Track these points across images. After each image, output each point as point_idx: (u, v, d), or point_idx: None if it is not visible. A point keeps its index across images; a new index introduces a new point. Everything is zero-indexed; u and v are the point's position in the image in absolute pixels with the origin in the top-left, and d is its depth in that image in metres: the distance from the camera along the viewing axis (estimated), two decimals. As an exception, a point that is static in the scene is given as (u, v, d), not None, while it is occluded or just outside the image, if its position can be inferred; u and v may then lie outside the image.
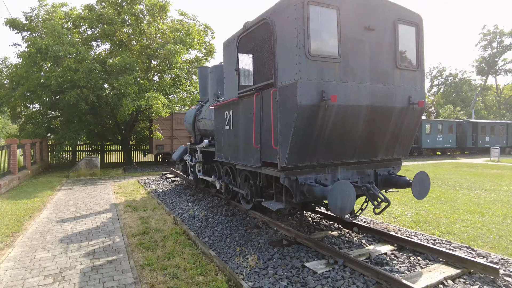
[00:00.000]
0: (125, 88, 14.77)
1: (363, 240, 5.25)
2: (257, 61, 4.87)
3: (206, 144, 7.96)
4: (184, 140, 19.38)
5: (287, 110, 4.18)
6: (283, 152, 4.27)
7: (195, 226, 6.44)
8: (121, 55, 15.96)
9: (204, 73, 10.96)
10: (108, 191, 10.80)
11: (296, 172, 4.48)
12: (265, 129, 4.72)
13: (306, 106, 4.01)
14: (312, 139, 4.30)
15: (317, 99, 4.07)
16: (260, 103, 4.79)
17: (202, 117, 9.43)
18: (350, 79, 4.36)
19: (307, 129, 4.17)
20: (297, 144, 4.20)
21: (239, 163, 5.67)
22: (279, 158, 4.36)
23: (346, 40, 4.33)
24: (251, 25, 4.96)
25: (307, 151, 4.36)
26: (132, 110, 15.54)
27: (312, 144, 4.35)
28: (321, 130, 4.29)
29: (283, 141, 4.26)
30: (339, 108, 4.27)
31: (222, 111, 6.27)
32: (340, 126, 4.44)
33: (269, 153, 4.65)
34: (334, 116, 4.29)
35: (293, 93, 4.04)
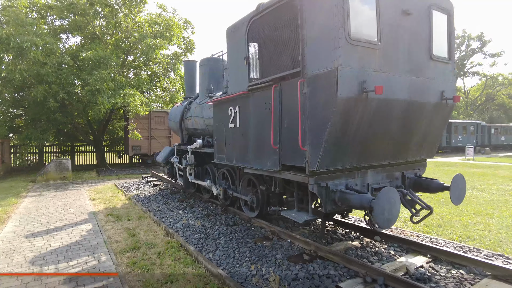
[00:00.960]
0: (100, 84, 13.54)
1: (391, 250, 4.70)
2: (274, 48, 4.18)
3: (199, 145, 7.15)
4: (163, 140, 18.28)
5: (319, 104, 3.52)
6: (313, 154, 3.61)
7: (193, 238, 5.63)
8: (94, 49, 14.66)
9: (191, 67, 10.11)
10: (83, 197, 9.67)
11: (326, 177, 3.84)
12: (286, 127, 4.04)
13: (346, 99, 3.37)
14: (348, 139, 3.67)
15: (357, 91, 3.45)
16: (279, 97, 4.11)
17: (191, 115, 8.59)
18: (388, 69, 3.78)
19: (344, 126, 3.54)
20: (332, 144, 3.56)
21: (248, 166, 4.94)
22: (307, 161, 3.70)
23: (385, 24, 3.74)
24: (268, 5, 4.26)
25: (341, 153, 3.73)
26: (108, 108, 14.31)
27: (347, 145, 3.73)
28: (357, 128, 3.68)
29: (314, 141, 3.60)
30: (380, 102, 3.68)
31: (225, 107, 5.52)
32: (377, 123, 3.85)
33: (292, 155, 3.98)
34: (373, 111, 3.69)
35: (329, 84, 3.39)
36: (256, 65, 4.60)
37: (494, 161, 21.81)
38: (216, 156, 5.98)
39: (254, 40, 4.61)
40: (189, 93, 10.07)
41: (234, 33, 5.05)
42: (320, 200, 3.84)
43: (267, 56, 4.36)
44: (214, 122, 6.04)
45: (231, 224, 6.04)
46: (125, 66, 17.36)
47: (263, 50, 4.46)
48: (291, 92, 3.92)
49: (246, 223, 6.10)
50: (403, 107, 3.99)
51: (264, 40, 4.41)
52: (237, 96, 5.06)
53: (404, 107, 4.00)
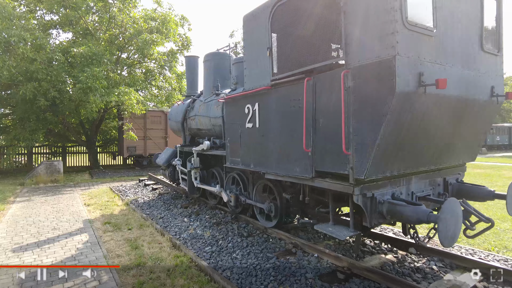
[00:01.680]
0: (92, 81, 12.78)
1: (433, 266, 4.18)
2: (306, 35, 3.62)
3: (207, 147, 6.54)
4: (159, 141, 17.57)
5: (369, 100, 2.97)
6: (360, 159, 3.06)
7: (204, 251, 5.03)
8: (87, 45, 13.90)
9: (192, 63, 9.49)
10: (77, 203, 8.96)
11: (372, 186, 3.29)
12: (321, 127, 3.48)
13: (404, 93, 2.82)
14: (400, 141, 3.13)
15: (414, 84, 2.91)
16: (313, 92, 3.54)
17: (195, 114, 7.97)
18: (443, 60, 3.25)
19: (398, 127, 3.00)
20: (385, 148, 3.01)
21: (269, 172, 4.36)
22: (351, 168, 3.14)
23: (440, 9, 3.21)
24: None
25: (392, 158, 3.18)
26: (101, 107, 13.56)
27: (398, 148, 3.18)
28: (409, 128, 3.14)
29: (362, 144, 3.04)
30: (437, 98, 3.14)
31: (240, 105, 4.93)
32: (427, 123, 3.32)
33: (329, 160, 3.41)
34: (428, 109, 3.15)
35: (383, 75, 2.84)
36: (281, 57, 4.03)
37: (494, 161, 21.62)
38: (229, 159, 5.39)
39: (279, 28, 4.04)
40: (190, 90, 9.44)
41: (254, 21, 4.46)
42: (365, 213, 3.28)
43: (296, 46, 3.79)
44: (226, 122, 5.45)
45: (246, 235, 5.45)
46: (119, 64, 16.61)
47: (291, 38, 3.88)
48: (329, 86, 3.36)
49: (261, 233, 5.51)
50: (454, 104, 3.47)
51: (292, 27, 3.84)
52: (256, 92, 4.48)
53: (455, 104, 3.48)
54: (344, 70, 3.15)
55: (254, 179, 5.78)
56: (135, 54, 17.24)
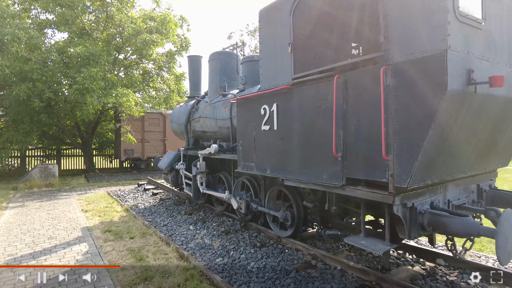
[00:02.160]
0: (89, 82, 12.35)
1: (467, 280, 3.86)
2: (335, 28, 3.30)
3: (215, 150, 6.18)
4: (157, 143, 17.14)
5: (414, 99, 2.65)
6: (403, 165, 2.73)
7: (215, 263, 4.67)
8: (83, 44, 13.47)
9: (195, 63, 9.13)
10: (74, 209, 8.53)
11: (411, 195, 2.97)
12: (354, 130, 3.15)
13: (456, 92, 2.51)
14: (445, 145, 2.81)
15: (464, 82, 2.60)
16: (344, 90, 3.22)
17: (199, 115, 7.61)
18: (491, 57, 2.95)
19: (446, 129, 2.68)
20: (431, 153, 2.69)
21: (290, 178, 4.01)
22: (391, 175, 2.82)
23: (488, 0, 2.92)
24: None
25: (435, 164, 2.86)
26: (98, 109, 13.12)
27: (441, 153, 2.87)
28: (455, 130, 2.83)
29: (405, 148, 2.72)
30: (486, 97, 2.84)
31: (255, 106, 4.59)
32: (470, 125, 3.01)
33: (363, 166, 3.09)
34: (475, 109, 2.85)
35: (432, 71, 2.52)
36: (305, 53, 3.70)
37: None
38: (241, 164, 5.04)
39: (303, 21, 3.71)
40: (194, 91, 9.07)
41: (272, 14, 4.14)
42: (404, 224, 2.95)
43: (324, 40, 3.47)
44: (239, 124, 5.10)
45: (259, 245, 5.09)
46: (116, 65, 16.18)
47: (317, 32, 3.56)
48: (363, 84, 3.04)
49: (275, 243, 5.15)
50: (500, 105, 3.17)
51: (319, 19, 3.52)
52: (274, 92, 4.15)
53: (501, 105, 3.18)
54: (383, 67, 2.83)
55: (267, 185, 5.44)
56: (133, 55, 16.85)
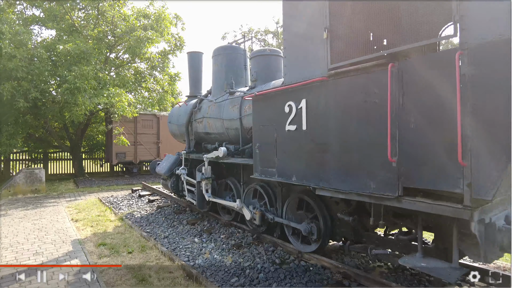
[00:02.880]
0: (80, 82, 11.62)
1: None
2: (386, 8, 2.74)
3: (223, 153, 5.56)
4: (151, 146, 16.38)
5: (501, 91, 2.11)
6: (486, 173, 2.19)
7: (231, 285, 4.04)
8: (74, 41, 12.71)
9: (196, 60, 8.52)
10: (62, 218, 7.78)
11: (488, 208, 2.42)
12: (414, 129, 2.59)
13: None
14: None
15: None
16: (399, 82, 2.66)
17: (202, 116, 6.99)
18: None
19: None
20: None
21: (326, 187, 3.42)
22: (468, 185, 2.27)
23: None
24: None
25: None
26: (90, 109, 12.38)
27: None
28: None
29: (489, 152, 2.17)
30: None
31: (277, 103, 4.01)
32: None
33: (428, 174, 2.53)
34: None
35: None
36: (345, 38, 3.14)
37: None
38: (258, 169, 4.43)
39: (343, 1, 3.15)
40: (194, 90, 8.46)
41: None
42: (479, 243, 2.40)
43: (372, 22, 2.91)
44: (255, 124, 4.51)
45: (278, 262, 4.48)
46: (107, 64, 15.41)
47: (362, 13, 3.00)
48: (426, 73, 2.48)
49: (296, 259, 4.55)
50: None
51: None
52: (303, 85, 3.57)
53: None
54: (458, 51, 2.28)
55: (284, 192, 4.85)
56: (125, 54, 16.10)
